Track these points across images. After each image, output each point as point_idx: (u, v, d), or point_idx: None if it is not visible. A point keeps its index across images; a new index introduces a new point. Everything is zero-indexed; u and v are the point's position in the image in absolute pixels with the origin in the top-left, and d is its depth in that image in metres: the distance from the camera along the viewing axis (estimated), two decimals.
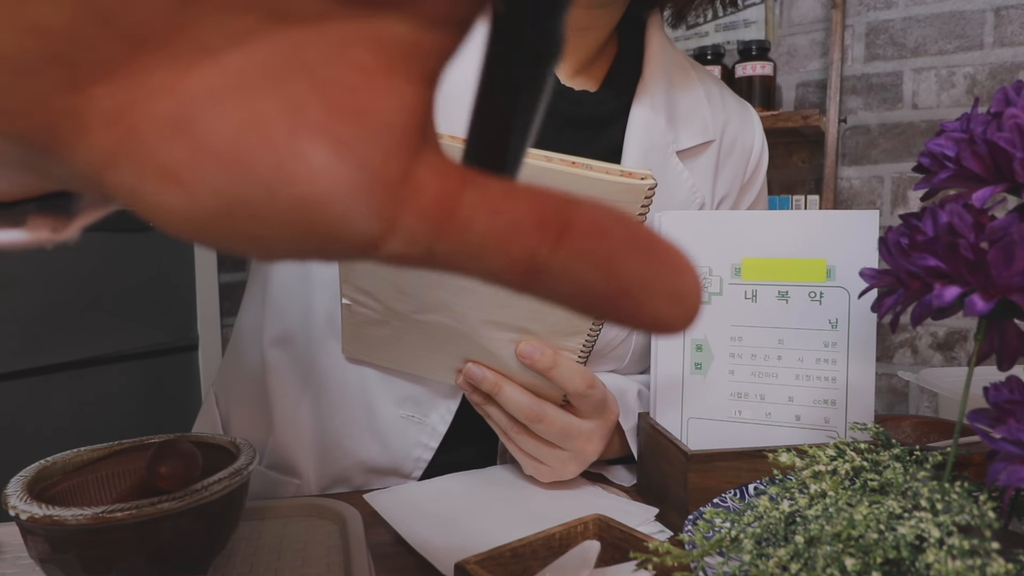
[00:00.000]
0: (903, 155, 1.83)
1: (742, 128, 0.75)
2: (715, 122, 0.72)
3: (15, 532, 0.50)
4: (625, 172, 0.38)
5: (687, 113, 0.70)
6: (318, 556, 0.49)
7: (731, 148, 0.74)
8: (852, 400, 0.56)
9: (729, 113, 0.74)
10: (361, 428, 0.63)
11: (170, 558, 0.41)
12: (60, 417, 1.90)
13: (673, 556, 0.34)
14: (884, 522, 0.33)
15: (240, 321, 0.71)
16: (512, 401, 0.51)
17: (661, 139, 0.67)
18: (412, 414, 0.63)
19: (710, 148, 0.71)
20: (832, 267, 0.56)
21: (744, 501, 0.47)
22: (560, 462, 0.56)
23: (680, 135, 0.68)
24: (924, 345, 1.84)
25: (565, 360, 0.50)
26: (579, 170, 0.37)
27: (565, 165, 0.37)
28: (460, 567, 0.38)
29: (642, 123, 0.66)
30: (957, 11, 1.76)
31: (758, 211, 0.76)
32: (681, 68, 0.72)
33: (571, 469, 0.57)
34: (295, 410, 0.64)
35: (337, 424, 0.63)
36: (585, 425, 0.54)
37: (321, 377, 0.63)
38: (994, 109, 0.36)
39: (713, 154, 0.71)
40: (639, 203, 0.39)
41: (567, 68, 0.67)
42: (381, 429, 0.63)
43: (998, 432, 0.34)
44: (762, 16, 1.93)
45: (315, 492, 0.65)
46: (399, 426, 0.63)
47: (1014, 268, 0.33)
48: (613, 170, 0.38)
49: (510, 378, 0.52)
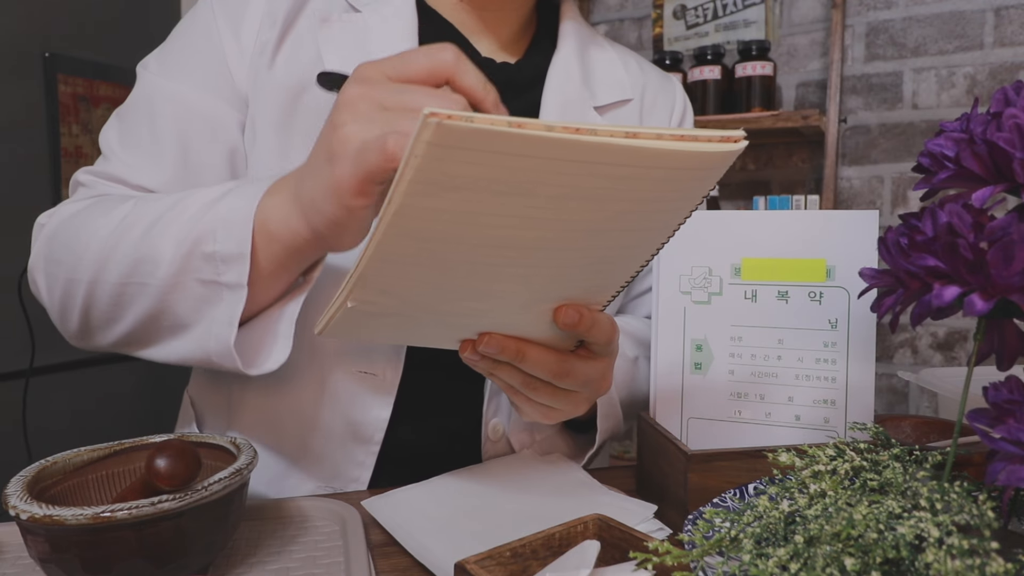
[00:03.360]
0: (903, 155, 1.83)
1: (662, 90, 0.80)
2: (633, 83, 0.77)
3: (15, 532, 0.50)
4: (726, 138, 0.35)
5: (603, 75, 0.75)
6: (318, 556, 0.49)
7: (652, 106, 0.78)
8: (852, 400, 0.56)
9: (648, 77, 0.79)
10: (316, 393, 0.63)
11: (170, 558, 0.41)
12: (60, 417, 1.90)
13: (673, 556, 0.34)
14: (884, 522, 0.33)
15: None
16: (538, 363, 0.50)
17: (577, 96, 0.71)
18: (364, 370, 0.63)
19: (630, 106, 0.76)
20: (832, 267, 0.56)
21: (744, 501, 0.47)
22: (574, 405, 0.55)
23: (596, 92, 0.73)
24: (924, 345, 1.84)
25: (599, 315, 0.49)
26: (687, 144, 0.34)
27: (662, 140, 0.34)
28: (460, 567, 0.38)
29: (557, 80, 0.70)
30: (957, 11, 1.76)
31: (758, 211, 0.76)
32: (597, 43, 0.77)
33: (583, 408, 0.57)
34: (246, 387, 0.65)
35: (295, 391, 0.63)
36: (602, 366, 0.54)
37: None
38: (994, 109, 0.36)
39: (634, 112, 0.76)
40: (728, 165, 0.38)
41: (492, 44, 0.70)
42: (336, 388, 0.63)
43: (997, 432, 0.34)
44: (762, 16, 1.93)
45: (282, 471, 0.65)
46: (352, 384, 0.63)
47: (1013, 268, 0.33)
48: (715, 137, 0.35)
49: (527, 340, 0.50)
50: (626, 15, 2.14)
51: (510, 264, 0.42)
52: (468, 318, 0.48)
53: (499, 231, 0.39)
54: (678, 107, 0.81)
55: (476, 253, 0.40)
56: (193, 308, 0.53)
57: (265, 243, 0.51)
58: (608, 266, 0.45)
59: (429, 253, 0.40)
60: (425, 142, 0.32)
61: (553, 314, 0.47)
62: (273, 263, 0.52)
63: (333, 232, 0.47)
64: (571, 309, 0.47)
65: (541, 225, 0.39)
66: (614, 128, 0.34)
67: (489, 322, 0.49)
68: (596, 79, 0.74)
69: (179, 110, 0.63)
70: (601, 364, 0.53)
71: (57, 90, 1.88)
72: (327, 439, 0.64)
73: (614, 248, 0.43)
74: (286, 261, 0.52)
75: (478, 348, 0.50)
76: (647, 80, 0.79)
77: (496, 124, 0.32)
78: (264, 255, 0.51)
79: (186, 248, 0.52)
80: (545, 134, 0.32)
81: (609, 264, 0.44)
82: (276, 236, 0.50)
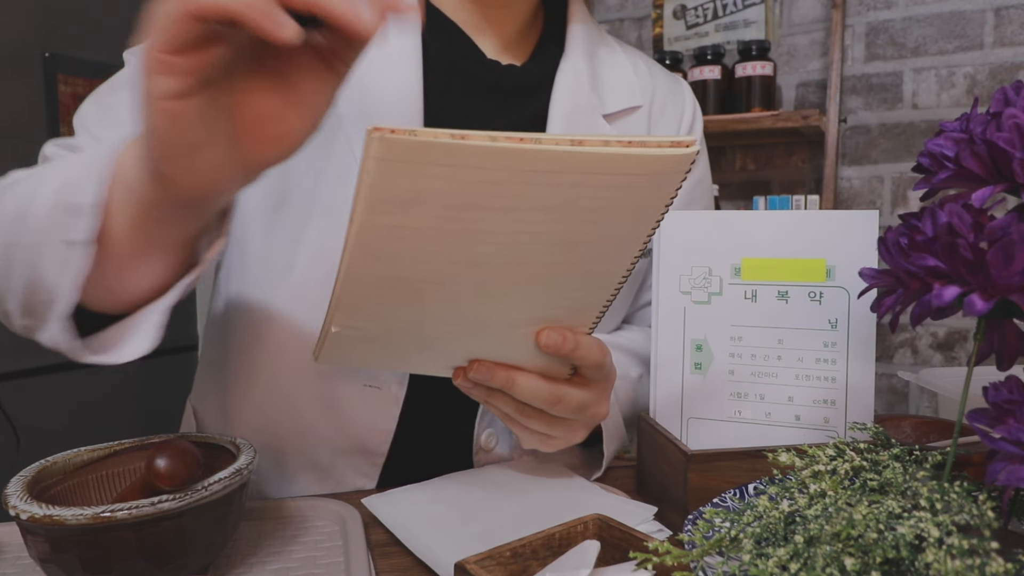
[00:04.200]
0: (903, 155, 1.83)
1: (671, 95, 0.78)
2: (643, 89, 0.74)
3: (15, 532, 0.50)
4: (675, 142, 0.36)
5: (612, 81, 0.72)
6: (318, 556, 0.49)
7: (662, 112, 0.76)
8: (852, 400, 0.56)
9: (657, 82, 0.77)
10: (321, 406, 0.63)
11: (170, 558, 0.41)
12: (60, 417, 1.89)
13: (673, 556, 0.34)
14: (883, 522, 0.33)
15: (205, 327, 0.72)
16: (529, 391, 0.50)
17: (586, 102, 0.69)
18: (369, 383, 0.62)
19: (639, 113, 0.73)
20: (832, 267, 0.56)
21: (744, 501, 0.47)
22: (571, 432, 0.56)
23: (606, 99, 0.71)
24: (924, 345, 1.84)
25: (583, 337, 0.49)
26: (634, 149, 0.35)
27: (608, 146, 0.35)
28: (460, 567, 0.38)
29: (565, 87, 0.68)
30: (957, 11, 1.76)
31: (758, 211, 0.76)
32: (607, 45, 0.75)
33: (580, 435, 0.57)
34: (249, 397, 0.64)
35: (297, 407, 0.63)
36: (596, 393, 0.54)
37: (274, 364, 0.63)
38: (994, 109, 0.36)
39: (644, 118, 0.74)
40: (684, 171, 0.38)
41: (493, 44, 0.68)
42: (340, 404, 0.63)
43: (997, 432, 0.34)
44: (762, 16, 1.93)
45: (282, 479, 0.65)
46: (358, 398, 0.63)
47: (1013, 268, 0.33)
48: (664, 142, 0.36)
49: (517, 367, 0.50)
50: (626, 15, 2.14)
51: (479, 282, 0.42)
52: (454, 343, 0.48)
53: (460, 247, 0.39)
54: (687, 113, 0.79)
55: (442, 272, 0.41)
56: (57, 275, 0.43)
57: (123, 196, 0.42)
58: (582, 282, 0.44)
59: (397, 273, 0.40)
60: (373, 158, 0.33)
61: (535, 337, 0.48)
62: (134, 224, 0.43)
63: (162, 157, 0.38)
64: (552, 331, 0.47)
65: (501, 239, 0.39)
66: (559, 136, 0.34)
67: (477, 348, 0.49)
68: (605, 85, 0.72)
69: None
70: (595, 391, 0.54)
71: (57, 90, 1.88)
72: (331, 452, 0.64)
73: (583, 262, 0.43)
74: (145, 222, 0.43)
75: (468, 375, 0.50)
76: (656, 84, 0.76)
77: (439, 136, 0.32)
78: (122, 212, 0.42)
79: (52, 201, 0.43)
80: (487, 144, 0.33)
81: (582, 280, 0.44)
82: (130, 185, 0.42)
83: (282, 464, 0.65)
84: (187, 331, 2.22)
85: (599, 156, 0.35)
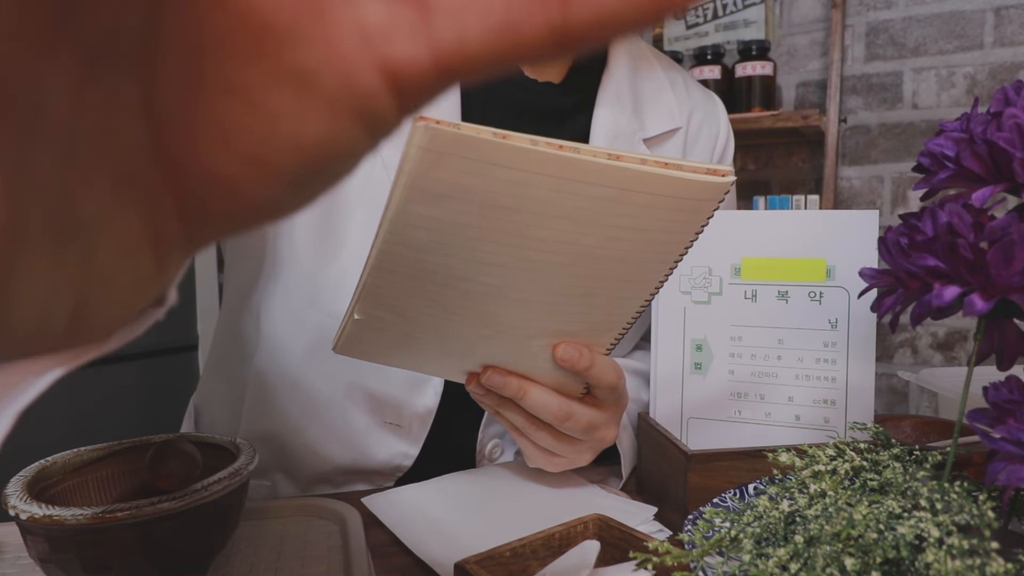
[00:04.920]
0: (903, 155, 1.83)
1: (707, 117, 0.77)
2: (681, 110, 0.73)
3: (15, 532, 0.50)
4: (712, 170, 0.36)
5: (652, 101, 0.71)
6: (318, 556, 0.49)
7: (697, 135, 0.75)
8: (852, 400, 0.56)
9: (694, 102, 0.76)
10: (336, 436, 0.63)
11: (170, 558, 0.41)
12: (60, 417, 1.90)
13: (673, 556, 0.34)
14: (884, 522, 0.33)
15: (217, 334, 0.72)
16: (540, 403, 0.50)
17: (627, 127, 0.68)
18: (390, 420, 0.62)
19: (676, 135, 0.73)
20: (832, 267, 0.56)
21: (744, 501, 0.47)
22: (578, 453, 0.55)
23: (646, 123, 0.70)
24: (924, 345, 1.84)
25: (600, 356, 0.49)
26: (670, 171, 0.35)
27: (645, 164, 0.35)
28: (460, 567, 0.38)
29: (608, 112, 0.67)
30: (957, 11, 1.76)
31: (758, 211, 0.76)
32: (645, 58, 0.73)
33: (587, 458, 0.57)
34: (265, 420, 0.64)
35: (311, 434, 0.63)
36: (607, 415, 0.54)
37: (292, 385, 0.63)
38: (994, 109, 0.36)
39: (680, 141, 0.73)
40: (718, 200, 0.38)
41: None
42: (357, 438, 0.63)
43: (997, 432, 0.34)
44: (762, 16, 1.93)
45: (292, 494, 0.65)
46: (376, 434, 0.63)
47: (1013, 268, 0.33)
48: (700, 168, 0.36)
49: (532, 379, 0.50)
50: None
51: (503, 284, 0.42)
52: (471, 345, 0.49)
53: (490, 246, 0.39)
54: (722, 136, 0.78)
55: (470, 268, 0.41)
56: None
57: None
58: (604, 299, 0.45)
59: (425, 265, 0.41)
60: (416, 146, 0.33)
61: (552, 350, 0.48)
62: None
63: None
64: (569, 346, 0.47)
65: (529, 244, 0.39)
66: (598, 149, 0.35)
67: (494, 354, 0.49)
68: (646, 107, 0.70)
69: None
70: (605, 412, 0.54)
71: None
72: (344, 474, 0.64)
73: (608, 280, 0.43)
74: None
75: (481, 380, 0.50)
76: (693, 104, 0.75)
77: (481, 132, 0.33)
78: None
79: None
80: (528, 147, 0.34)
81: (604, 297, 0.44)
82: None
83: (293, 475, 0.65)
84: (187, 331, 2.22)
85: (634, 173, 0.35)
